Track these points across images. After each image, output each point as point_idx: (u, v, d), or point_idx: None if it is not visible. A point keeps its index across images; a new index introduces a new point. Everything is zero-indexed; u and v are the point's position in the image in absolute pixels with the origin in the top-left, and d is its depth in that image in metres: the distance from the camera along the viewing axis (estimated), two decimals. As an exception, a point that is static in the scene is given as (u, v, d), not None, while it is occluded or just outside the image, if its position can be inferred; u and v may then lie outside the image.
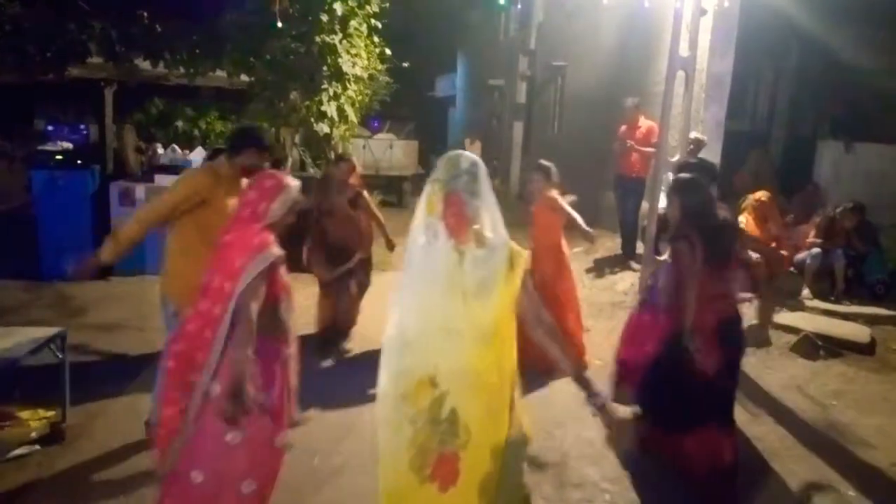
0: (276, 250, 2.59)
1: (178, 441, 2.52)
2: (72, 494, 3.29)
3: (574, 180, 5.91)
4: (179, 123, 10.24)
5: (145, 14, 7.75)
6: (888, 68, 7.48)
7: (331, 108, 7.97)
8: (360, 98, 8.97)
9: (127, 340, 5.43)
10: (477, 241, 2.23)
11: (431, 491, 2.23)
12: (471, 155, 2.37)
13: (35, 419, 3.77)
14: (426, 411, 2.22)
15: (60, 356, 3.88)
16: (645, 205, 7.35)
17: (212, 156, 4.66)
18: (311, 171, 8.94)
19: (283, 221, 2.71)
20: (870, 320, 6.32)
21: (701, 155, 7.24)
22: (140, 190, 7.31)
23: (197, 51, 8.12)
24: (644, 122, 7.46)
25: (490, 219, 2.26)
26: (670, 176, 6.64)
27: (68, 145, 8.27)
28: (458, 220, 2.23)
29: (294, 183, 2.77)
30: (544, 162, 5.22)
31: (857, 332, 6.00)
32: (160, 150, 8.50)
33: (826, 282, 6.83)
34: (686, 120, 6.61)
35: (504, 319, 2.25)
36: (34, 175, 7.14)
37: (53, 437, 3.71)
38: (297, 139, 9.02)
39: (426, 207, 2.28)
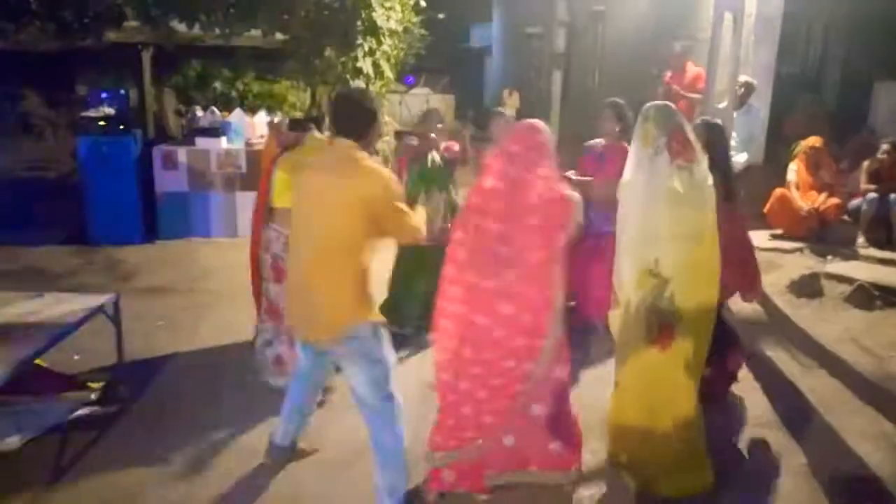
0: None
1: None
2: (130, 454, 3.40)
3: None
4: (217, 85, 10.25)
5: (179, -25, 7.68)
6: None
7: (366, 64, 7.86)
8: (395, 53, 8.83)
9: (177, 303, 5.54)
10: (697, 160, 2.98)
11: (654, 351, 2.99)
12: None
13: (94, 382, 3.90)
14: (649, 294, 2.95)
15: (114, 320, 3.97)
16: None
17: None
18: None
19: None
20: (928, 268, 6.10)
21: (751, 100, 6.99)
22: (182, 153, 7.38)
23: (231, 10, 8.05)
24: (691, 69, 7.18)
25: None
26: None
27: (110, 111, 8.33)
28: (684, 145, 2.95)
29: None
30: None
31: (916, 281, 5.79)
32: (199, 113, 8.53)
33: (882, 229, 6.58)
34: (734, 65, 6.34)
35: (712, 223, 2.97)
36: (80, 142, 7.24)
37: (111, 399, 3.81)
38: (333, 97, 8.94)
39: (644, 142, 3.01)
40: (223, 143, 7.47)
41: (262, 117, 8.20)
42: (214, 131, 7.59)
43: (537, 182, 2.84)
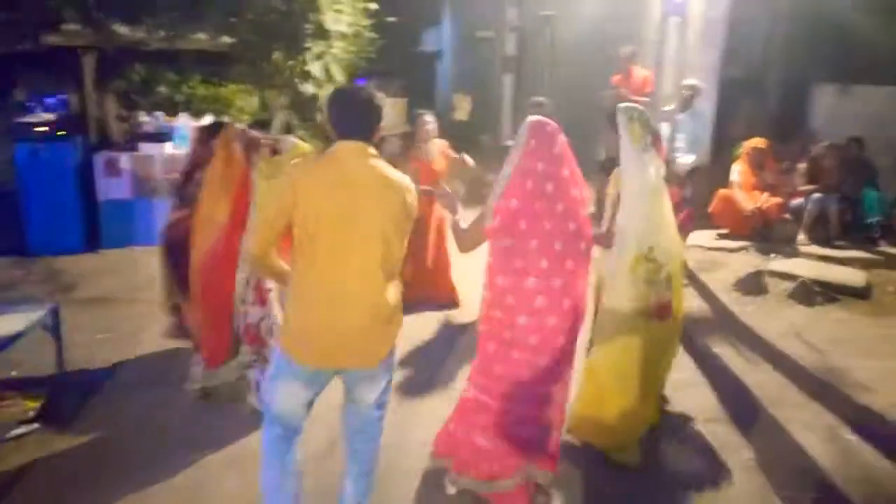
0: None
1: None
2: (72, 472, 3.27)
3: (567, 132, 5.82)
4: (162, 89, 9.99)
5: (120, -24, 7.46)
6: (881, 9, 7.32)
7: (315, 68, 7.77)
8: (345, 56, 8.76)
9: (119, 313, 5.38)
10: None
11: (654, 323, 3.33)
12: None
13: (31, 398, 3.74)
14: (642, 277, 3.27)
15: (54, 332, 3.83)
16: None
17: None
18: (299, 133, 8.78)
19: None
20: (866, 264, 6.33)
21: (697, 103, 7.14)
22: (125, 159, 7.18)
23: (176, 13, 7.86)
24: (639, 72, 7.30)
25: None
26: (665, 126, 6.55)
27: (49, 116, 8.07)
28: (660, 146, 3.40)
29: None
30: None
31: (854, 277, 6.00)
32: (144, 118, 8.32)
33: (821, 227, 6.80)
34: (679, 67, 6.48)
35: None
36: (17, 149, 6.99)
37: (51, 415, 3.67)
38: (282, 101, 8.83)
39: (633, 140, 3.28)
40: (168, 148, 7.29)
41: (208, 121, 8.04)
42: (159, 136, 7.42)
43: (581, 181, 3.00)
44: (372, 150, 2.48)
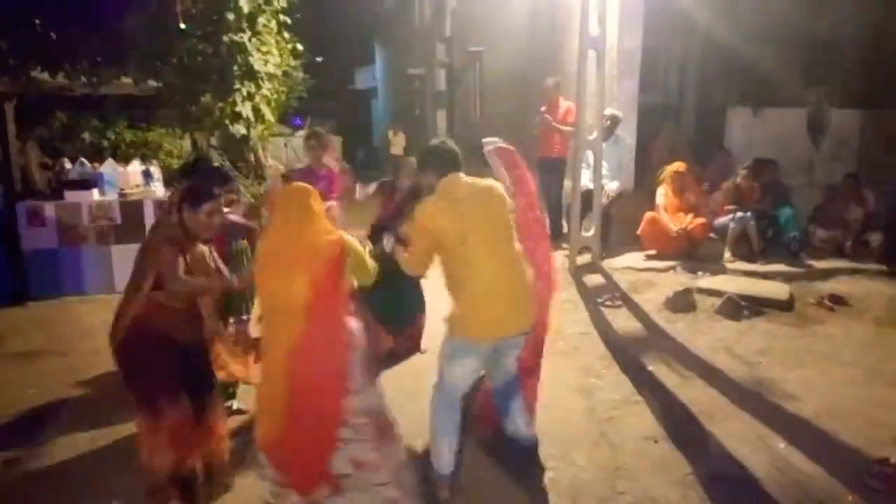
0: None
1: None
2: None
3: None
4: (86, 135, 9.76)
5: (37, 22, 7.29)
6: (786, 35, 7.78)
7: (245, 109, 7.75)
8: (275, 97, 8.77)
9: (50, 368, 5.17)
10: None
11: None
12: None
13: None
14: None
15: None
16: (567, 184, 7.46)
17: None
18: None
19: None
20: (787, 277, 6.59)
21: (618, 131, 7.42)
22: (49, 208, 6.97)
23: (98, 58, 7.73)
24: (563, 103, 7.55)
25: None
26: (590, 154, 6.76)
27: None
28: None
29: None
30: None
31: (777, 290, 6.23)
32: (67, 165, 8.11)
33: (745, 243, 7.09)
34: (600, 97, 6.72)
35: None
36: (-69, 203, 6.70)
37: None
38: (213, 142, 8.75)
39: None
40: (94, 195, 7.12)
41: (135, 167, 7.90)
42: (85, 183, 7.24)
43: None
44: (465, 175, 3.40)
